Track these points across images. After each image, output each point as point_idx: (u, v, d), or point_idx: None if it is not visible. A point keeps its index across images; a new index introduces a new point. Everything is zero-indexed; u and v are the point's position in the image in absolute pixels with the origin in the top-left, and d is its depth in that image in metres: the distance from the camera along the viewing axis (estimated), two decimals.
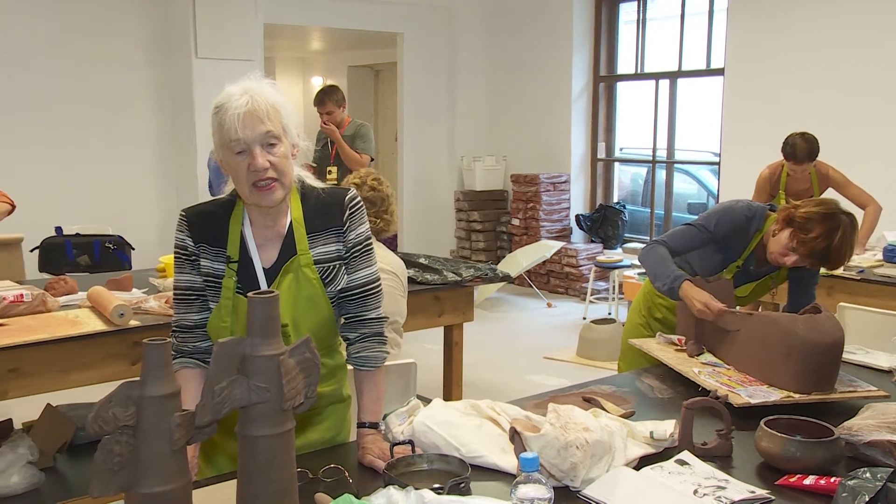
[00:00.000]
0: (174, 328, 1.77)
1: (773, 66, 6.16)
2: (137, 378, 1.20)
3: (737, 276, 2.58)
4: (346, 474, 1.59)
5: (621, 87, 7.88)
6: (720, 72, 6.65)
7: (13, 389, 2.59)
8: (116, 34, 6.51)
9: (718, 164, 6.75)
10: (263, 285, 1.71)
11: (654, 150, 7.47)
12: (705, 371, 2.23)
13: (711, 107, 6.91)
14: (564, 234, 7.82)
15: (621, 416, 1.89)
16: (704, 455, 1.69)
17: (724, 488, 1.53)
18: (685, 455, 1.67)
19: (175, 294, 1.76)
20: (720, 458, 1.70)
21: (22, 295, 2.83)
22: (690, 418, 1.74)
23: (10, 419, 3.31)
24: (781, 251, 2.41)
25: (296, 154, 1.73)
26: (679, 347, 2.45)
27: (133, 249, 5.73)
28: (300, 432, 1.69)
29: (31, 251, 5.40)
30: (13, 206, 3.99)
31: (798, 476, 1.58)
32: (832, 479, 1.53)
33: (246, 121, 1.62)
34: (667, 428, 1.74)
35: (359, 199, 1.80)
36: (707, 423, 1.81)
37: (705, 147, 7.39)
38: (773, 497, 1.51)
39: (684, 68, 7.15)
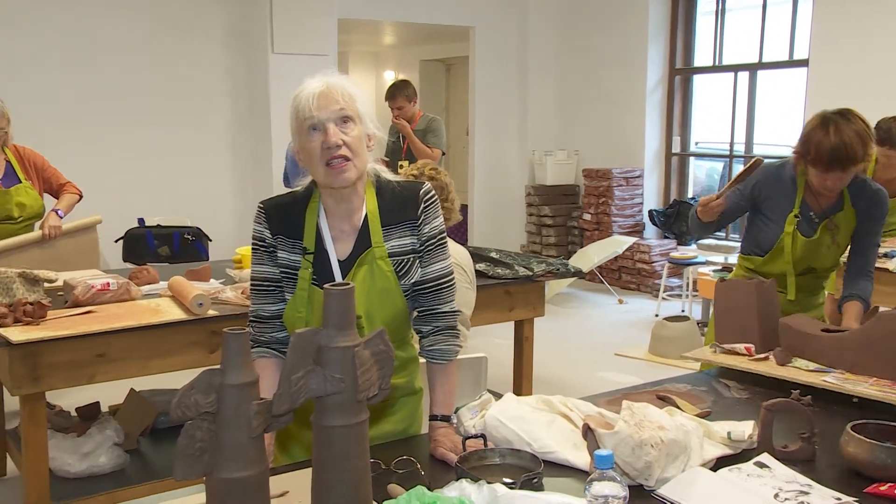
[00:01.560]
0: (251, 318, 1.81)
1: (861, 56, 5.91)
2: (216, 366, 1.23)
3: (801, 225, 2.56)
4: (419, 466, 1.60)
5: (698, 79, 7.69)
6: (804, 63, 6.42)
7: (100, 374, 2.69)
8: (197, 31, 6.70)
9: None
10: (338, 277, 1.73)
11: (732, 144, 7.28)
12: (828, 377, 2.09)
13: (793, 99, 6.68)
14: (637, 230, 7.69)
15: (697, 415, 1.84)
16: (785, 458, 1.63)
17: (807, 493, 1.48)
18: (765, 458, 1.62)
19: (252, 285, 1.80)
20: (802, 462, 1.64)
21: (108, 283, 2.93)
22: (770, 420, 1.68)
23: (98, 402, 3.44)
24: (818, 181, 2.46)
25: (371, 146, 1.74)
26: (756, 357, 2.28)
27: (210, 241, 5.89)
28: (373, 423, 1.70)
29: (116, 241, 5.62)
30: (81, 196, 4.14)
31: (889, 485, 1.51)
32: None
33: (320, 100, 1.65)
34: (745, 429, 1.69)
35: (434, 192, 1.80)
36: (787, 425, 1.74)
37: (786, 141, 7.15)
38: None
39: (765, 60, 6.93)
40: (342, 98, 1.67)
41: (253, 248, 1.79)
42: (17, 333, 2.52)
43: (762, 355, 2.29)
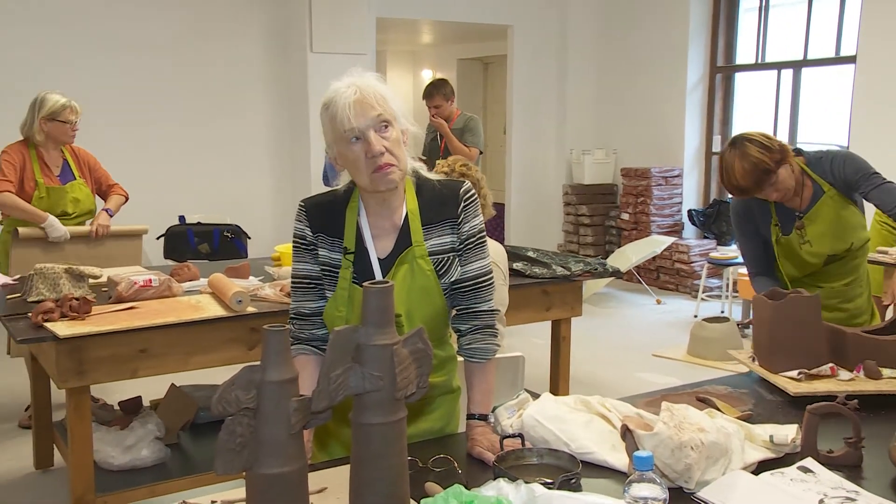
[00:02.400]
0: (292, 315, 1.82)
1: None
2: (255, 362, 1.24)
3: (784, 226, 2.62)
4: (456, 465, 1.60)
5: (740, 77, 7.57)
6: (851, 59, 6.28)
7: (142, 369, 2.74)
8: (237, 31, 6.78)
9: None
10: (378, 276, 1.74)
11: None
12: None
13: (839, 97, 6.54)
14: (676, 230, 7.60)
15: (738, 417, 1.82)
16: (830, 463, 1.60)
17: (853, 500, 1.44)
18: (809, 462, 1.59)
19: (293, 282, 1.82)
20: (848, 467, 1.60)
21: (150, 280, 2.98)
22: (815, 423, 1.65)
23: (140, 396, 3.50)
24: (769, 197, 2.54)
25: (406, 141, 1.75)
26: (849, 377, 2.09)
27: (249, 238, 5.96)
28: (410, 422, 1.70)
29: (157, 238, 5.71)
30: (127, 198, 4.23)
31: None
32: None
33: (357, 108, 1.64)
34: (788, 433, 1.66)
35: (473, 191, 1.80)
36: (832, 429, 1.71)
37: (831, 140, 7.00)
38: None
39: (810, 57, 6.79)
40: (377, 102, 1.66)
41: (294, 246, 1.81)
42: (63, 328, 2.58)
43: (850, 375, 2.09)
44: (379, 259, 1.76)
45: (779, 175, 2.47)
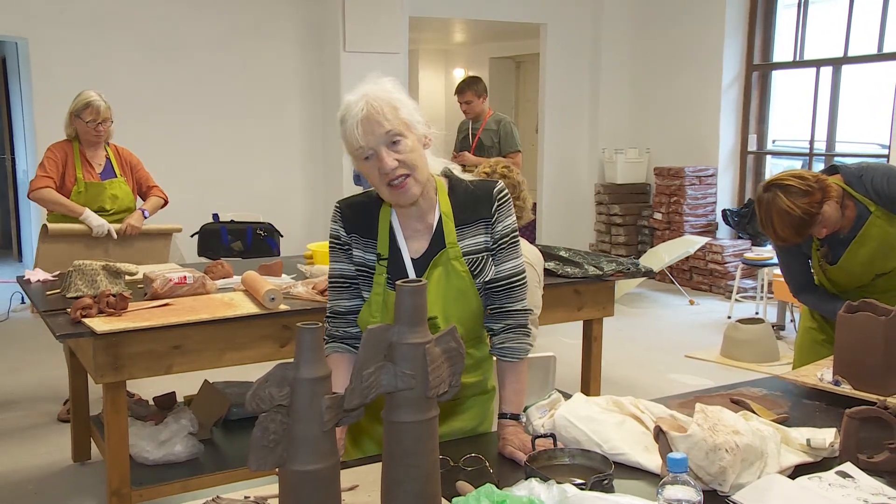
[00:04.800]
0: (328, 314, 1.83)
1: None
2: (286, 359, 1.25)
3: (835, 250, 2.55)
4: (487, 464, 1.60)
5: (777, 75, 7.46)
6: (894, 57, 6.14)
7: (176, 365, 2.77)
8: (270, 30, 6.84)
9: (887, 157, 6.26)
10: (412, 276, 1.74)
11: (812, 142, 7.03)
12: None
13: (881, 96, 6.41)
14: (710, 230, 7.51)
15: (774, 420, 1.79)
16: (870, 469, 1.57)
17: None
18: (848, 467, 1.56)
19: (329, 281, 1.83)
20: (890, 473, 1.57)
21: (185, 277, 3.02)
22: (854, 428, 1.62)
23: (174, 392, 3.55)
24: (818, 235, 2.48)
25: (428, 144, 1.73)
26: None
27: (282, 236, 6.00)
28: (443, 421, 1.70)
29: (192, 236, 5.78)
30: (166, 201, 4.27)
31: None
32: None
33: (364, 126, 1.63)
34: (826, 436, 1.63)
35: (506, 191, 1.80)
36: (872, 434, 1.67)
37: (872, 139, 6.87)
38: None
39: (851, 54, 6.66)
40: (385, 117, 1.63)
41: (330, 246, 1.82)
42: (100, 324, 2.62)
43: None
44: (412, 259, 1.76)
45: (823, 213, 2.37)
